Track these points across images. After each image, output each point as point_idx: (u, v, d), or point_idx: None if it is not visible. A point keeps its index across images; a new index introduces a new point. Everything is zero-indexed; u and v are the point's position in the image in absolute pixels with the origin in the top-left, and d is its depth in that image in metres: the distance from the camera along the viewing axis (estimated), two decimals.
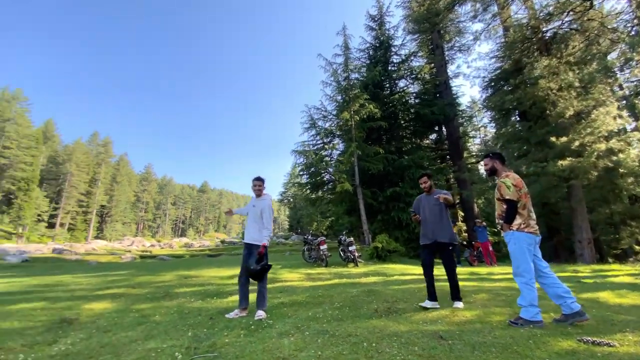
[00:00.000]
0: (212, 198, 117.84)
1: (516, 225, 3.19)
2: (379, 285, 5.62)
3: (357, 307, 4.04)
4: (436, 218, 4.04)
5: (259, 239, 4.15)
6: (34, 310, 4.45)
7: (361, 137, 13.62)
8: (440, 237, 3.98)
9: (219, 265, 11.17)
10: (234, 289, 5.77)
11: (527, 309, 2.99)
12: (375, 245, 11.26)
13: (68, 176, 56.34)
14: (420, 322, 3.27)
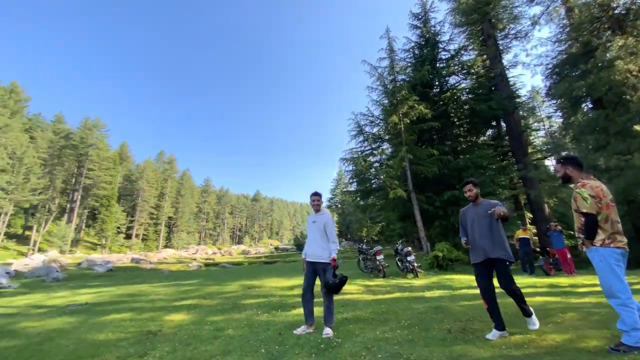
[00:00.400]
0: (264, 206, 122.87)
1: (599, 241, 2.78)
2: (446, 301, 5.30)
3: (427, 326, 3.84)
4: (486, 231, 3.45)
5: (322, 255, 4.05)
6: (123, 321, 4.98)
7: (412, 140, 13.13)
8: (493, 253, 3.38)
9: (278, 274, 11.51)
10: (296, 301, 5.89)
11: (630, 333, 2.56)
12: (435, 254, 10.69)
13: (140, 192, 63.08)
14: (504, 346, 2.99)
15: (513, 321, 3.83)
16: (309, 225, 4.29)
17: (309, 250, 4.18)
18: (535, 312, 4.12)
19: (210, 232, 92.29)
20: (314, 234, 4.16)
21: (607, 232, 2.80)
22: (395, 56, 15.45)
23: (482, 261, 3.48)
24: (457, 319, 4.03)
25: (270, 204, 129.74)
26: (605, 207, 2.83)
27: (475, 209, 3.61)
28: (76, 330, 4.48)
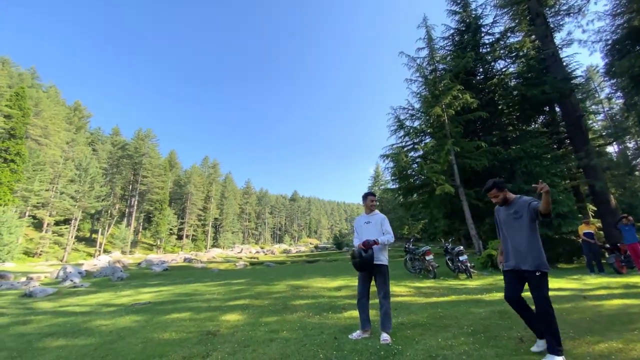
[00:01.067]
0: (302, 206, 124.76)
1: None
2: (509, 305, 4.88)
3: (494, 334, 3.55)
4: (517, 236, 3.07)
5: (380, 257, 3.93)
6: (183, 320, 5.25)
7: (457, 132, 12.40)
8: (523, 263, 3.00)
9: (322, 274, 11.55)
10: (346, 303, 5.82)
11: None
12: (489, 252, 10.03)
13: (189, 195, 67.18)
14: (588, 357, 2.65)
15: (592, 327, 3.42)
16: (361, 226, 4.18)
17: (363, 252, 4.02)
18: (615, 316, 3.68)
19: (253, 232, 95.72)
20: (369, 234, 4.03)
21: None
22: (435, 45, 14.70)
23: (511, 269, 3.12)
24: (526, 326, 3.67)
25: (307, 203, 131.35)
26: None
27: (507, 209, 3.22)
28: (143, 329, 4.80)
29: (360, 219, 4.29)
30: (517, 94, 15.49)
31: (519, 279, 3.09)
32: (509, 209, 3.21)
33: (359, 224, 4.26)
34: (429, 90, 13.42)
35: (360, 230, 4.20)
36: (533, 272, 2.95)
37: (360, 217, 4.31)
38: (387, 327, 3.72)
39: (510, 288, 3.13)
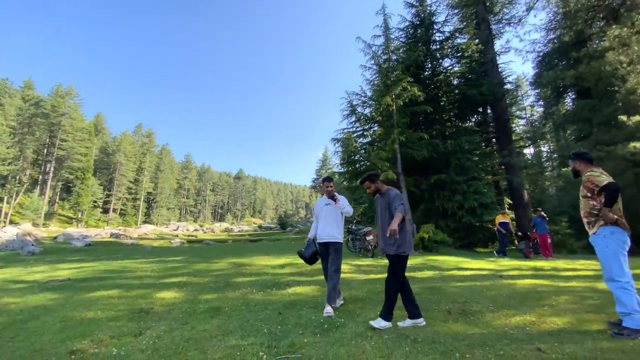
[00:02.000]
0: (247, 184, 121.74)
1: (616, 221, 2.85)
2: (439, 281, 5.40)
3: (426, 307, 3.87)
4: (387, 223, 3.43)
5: (338, 236, 4.15)
6: (111, 298, 4.78)
7: (404, 123, 13.03)
8: (387, 248, 3.40)
9: (266, 252, 11.47)
10: (290, 280, 5.87)
11: (632, 316, 2.66)
12: (421, 235, 10.92)
13: (118, 165, 60.70)
14: (506, 328, 3.04)
15: (508, 302, 3.93)
16: (321, 208, 4.33)
17: (324, 232, 4.20)
18: (528, 295, 4.27)
19: (191, 209, 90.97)
20: (328, 216, 4.24)
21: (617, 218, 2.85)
22: (390, 34, 15.02)
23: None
24: (454, 300, 4.10)
25: (253, 182, 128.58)
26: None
27: (381, 199, 3.62)
28: (62, 308, 4.25)
29: (320, 201, 4.46)
30: (459, 93, 16.73)
31: None
32: (383, 199, 3.59)
33: (319, 206, 4.43)
34: (382, 79, 13.76)
35: (320, 213, 4.35)
36: (392, 256, 3.40)
37: (320, 200, 4.48)
38: (333, 301, 3.85)
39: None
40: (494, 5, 20.90)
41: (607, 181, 2.89)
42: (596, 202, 2.97)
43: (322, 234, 4.22)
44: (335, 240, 4.15)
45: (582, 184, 3.12)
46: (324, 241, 4.20)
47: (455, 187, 14.03)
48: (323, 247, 4.23)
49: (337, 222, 4.23)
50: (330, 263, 4.07)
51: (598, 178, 2.94)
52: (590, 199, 3.01)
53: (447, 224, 13.75)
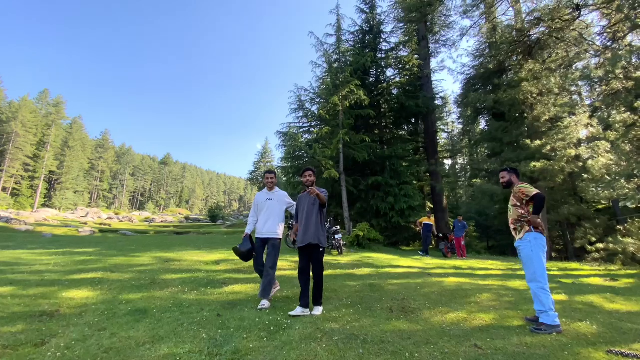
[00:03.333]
0: (174, 171, 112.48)
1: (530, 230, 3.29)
2: (376, 279, 5.61)
3: (369, 305, 3.95)
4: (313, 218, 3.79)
5: (278, 232, 4.16)
6: (2, 297, 3.85)
7: (349, 124, 13.39)
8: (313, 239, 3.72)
9: (196, 246, 10.65)
10: (227, 278, 5.49)
11: (548, 314, 3.06)
12: (357, 233, 11.33)
13: (13, 136, 50.43)
14: (444, 325, 3.24)
15: (440, 299, 4.23)
16: (263, 202, 4.27)
17: (265, 227, 4.15)
18: (455, 292, 4.66)
19: (105, 194, 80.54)
20: (270, 210, 4.21)
21: (539, 225, 3.25)
22: (342, 36, 15.26)
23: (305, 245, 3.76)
24: (393, 298, 4.27)
25: (182, 169, 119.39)
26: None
27: (309, 197, 3.87)
28: None
29: (262, 195, 4.37)
30: (398, 102, 17.85)
31: (309, 253, 3.78)
32: (311, 197, 3.84)
33: (260, 200, 4.32)
34: (331, 78, 13.89)
35: (262, 207, 4.27)
36: (318, 246, 3.73)
37: (261, 194, 4.37)
38: (267, 294, 3.91)
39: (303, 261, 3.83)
40: (434, 26, 22.83)
41: (536, 192, 3.28)
42: (524, 211, 3.36)
43: (263, 229, 4.15)
44: (275, 236, 4.11)
45: (512, 195, 3.50)
46: (264, 237, 4.13)
47: (389, 190, 14.94)
48: (261, 243, 4.14)
49: (280, 217, 4.21)
50: (267, 259, 4.02)
51: (529, 189, 3.33)
52: (519, 208, 3.40)
53: (378, 223, 14.57)
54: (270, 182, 4.29)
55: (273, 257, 4.03)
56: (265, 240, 4.14)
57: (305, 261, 3.80)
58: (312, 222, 3.77)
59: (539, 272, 3.18)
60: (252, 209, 4.41)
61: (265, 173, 4.41)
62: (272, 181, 4.31)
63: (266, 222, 4.18)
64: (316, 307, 3.68)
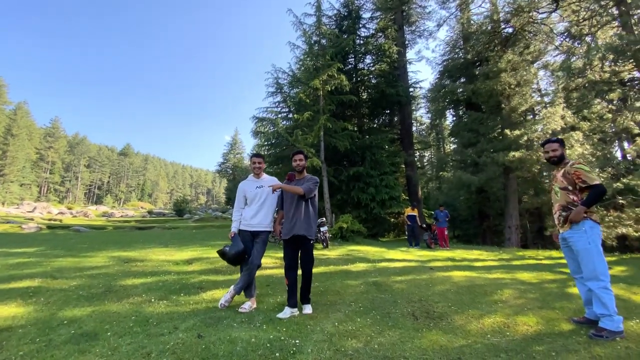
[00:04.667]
0: (135, 163, 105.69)
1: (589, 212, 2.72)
2: (377, 275, 4.97)
3: (385, 310, 3.29)
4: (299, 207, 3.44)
5: (269, 224, 3.62)
6: None
7: (330, 110, 12.62)
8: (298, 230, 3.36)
9: (162, 243, 9.46)
10: (203, 281, 4.61)
11: (612, 318, 2.55)
12: (340, 225, 10.72)
13: None
14: (488, 335, 2.65)
15: (461, 299, 3.66)
16: (251, 191, 3.66)
17: (255, 219, 3.57)
18: (472, 289, 4.12)
19: (57, 187, 73.74)
20: (261, 199, 3.62)
21: (594, 212, 2.72)
22: (322, 16, 14.37)
23: (290, 237, 3.37)
24: (409, 300, 3.63)
25: (144, 161, 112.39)
26: None
27: (296, 182, 3.55)
28: None
29: (249, 183, 3.74)
30: (378, 91, 17.34)
31: (296, 246, 3.39)
32: (298, 182, 3.51)
33: (248, 188, 3.69)
34: (311, 60, 13.00)
35: (251, 196, 3.64)
36: (307, 238, 3.34)
37: (248, 182, 3.76)
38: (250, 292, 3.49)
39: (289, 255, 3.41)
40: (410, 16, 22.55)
41: (597, 181, 2.72)
42: (577, 198, 2.80)
43: (253, 220, 3.57)
44: (266, 229, 3.61)
45: (562, 175, 2.90)
46: (254, 229, 3.56)
47: (370, 180, 14.47)
48: (250, 237, 3.56)
49: (272, 207, 3.69)
50: (255, 254, 3.49)
51: (589, 175, 2.75)
52: (571, 193, 2.83)
53: (359, 215, 14.08)
54: (257, 167, 3.71)
55: (261, 252, 3.55)
56: (255, 233, 3.56)
57: (292, 256, 3.40)
58: (301, 212, 3.37)
59: (599, 268, 2.64)
60: (238, 201, 3.75)
61: (252, 157, 3.83)
62: (260, 166, 3.74)
63: (257, 213, 3.59)
64: (305, 305, 3.35)
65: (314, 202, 3.55)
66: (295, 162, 3.54)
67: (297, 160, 3.52)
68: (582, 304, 3.00)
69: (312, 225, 3.44)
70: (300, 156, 3.53)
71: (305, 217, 3.37)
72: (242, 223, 3.60)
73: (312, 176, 3.58)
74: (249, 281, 3.45)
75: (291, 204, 3.44)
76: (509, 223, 16.01)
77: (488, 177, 14.44)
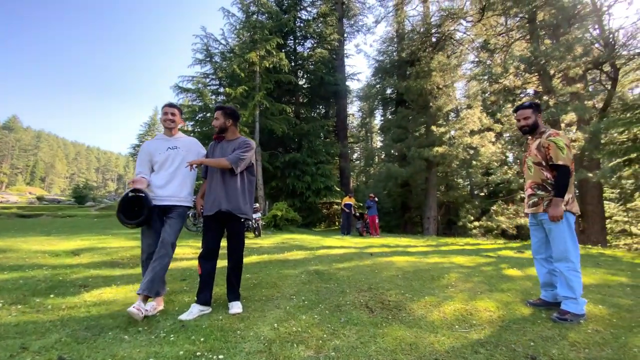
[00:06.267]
0: (24, 140, 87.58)
1: (564, 202, 2.42)
2: (318, 263, 4.42)
3: (334, 302, 2.73)
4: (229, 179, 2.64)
5: (187, 197, 2.75)
6: None
7: (267, 89, 11.63)
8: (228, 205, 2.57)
9: (45, 231, 7.46)
10: (90, 276, 3.47)
11: (577, 301, 2.38)
12: (275, 213, 10.00)
13: None
14: (452, 324, 2.27)
15: (411, 285, 3.33)
16: (161, 152, 2.73)
17: (167, 189, 2.68)
18: (418, 274, 3.85)
19: None
20: (174, 164, 2.73)
21: (570, 193, 2.51)
22: None
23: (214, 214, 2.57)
24: (359, 289, 3.14)
25: (35, 138, 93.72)
26: (572, 163, 2.53)
27: (224, 146, 2.72)
28: None
29: (158, 142, 2.82)
30: (317, 77, 16.87)
31: (221, 227, 2.64)
32: (229, 145, 2.70)
33: (156, 149, 2.76)
34: (248, 31, 11.80)
35: (160, 159, 2.72)
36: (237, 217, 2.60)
37: (157, 141, 2.85)
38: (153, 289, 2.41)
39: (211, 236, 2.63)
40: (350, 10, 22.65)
41: (562, 161, 2.40)
42: (550, 175, 2.54)
43: (163, 191, 2.67)
44: (183, 203, 2.73)
45: (536, 147, 2.56)
46: (165, 203, 2.65)
47: (306, 168, 14.00)
48: (158, 213, 2.64)
49: (190, 175, 2.80)
50: (167, 234, 2.55)
51: (557, 152, 2.42)
52: (545, 169, 2.54)
53: (294, 203, 13.52)
54: (170, 120, 2.79)
55: (175, 229, 2.63)
56: (165, 209, 2.65)
57: (214, 239, 2.60)
58: (230, 182, 2.59)
59: (571, 249, 2.42)
60: (140, 163, 2.78)
61: (164, 107, 2.84)
62: (174, 119, 2.81)
63: (169, 182, 2.69)
64: (233, 303, 2.55)
65: (252, 172, 2.79)
66: (214, 121, 2.77)
67: (215, 119, 2.72)
68: (538, 286, 2.87)
69: (245, 200, 2.66)
70: (217, 113, 2.71)
71: (234, 189, 2.58)
72: (152, 196, 2.66)
73: (245, 139, 2.75)
74: (164, 269, 2.51)
75: (215, 171, 2.63)
76: (428, 214, 17.25)
77: (414, 170, 15.24)
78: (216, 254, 2.63)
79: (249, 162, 2.70)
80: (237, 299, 2.60)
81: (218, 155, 2.68)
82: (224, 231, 2.67)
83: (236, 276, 2.64)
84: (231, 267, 2.62)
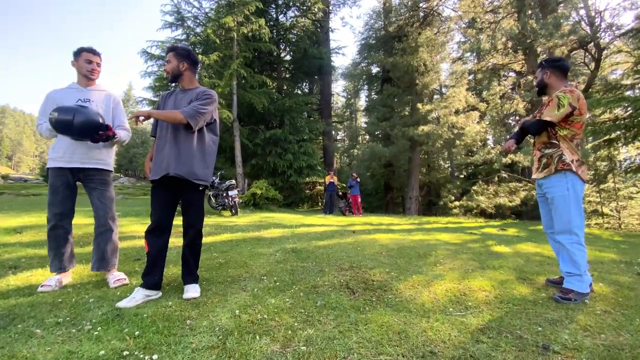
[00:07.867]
0: None
1: (568, 165, 2.13)
2: (296, 241, 4.05)
3: (310, 283, 2.37)
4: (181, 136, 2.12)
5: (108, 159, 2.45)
6: None
7: (246, 58, 10.81)
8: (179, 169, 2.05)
9: None
10: (23, 256, 2.97)
11: (582, 278, 2.11)
12: (254, 191, 9.51)
13: None
14: (446, 307, 1.96)
15: (396, 262, 3.02)
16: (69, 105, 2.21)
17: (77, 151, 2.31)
18: (403, 251, 3.55)
19: None
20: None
21: (577, 155, 2.20)
22: None
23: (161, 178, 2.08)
24: (339, 267, 2.80)
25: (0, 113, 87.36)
26: (580, 126, 2.20)
27: (177, 95, 2.23)
28: None
29: (67, 93, 2.36)
30: (300, 49, 16.01)
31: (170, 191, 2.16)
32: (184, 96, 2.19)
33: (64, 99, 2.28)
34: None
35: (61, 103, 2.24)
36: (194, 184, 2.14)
37: (66, 91, 2.38)
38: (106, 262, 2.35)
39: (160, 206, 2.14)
40: None
41: (549, 117, 2.14)
42: (553, 131, 2.22)
43: (73, 154, 2.29)
44: (103, 166, 2.42)
45: (546, 103, 2.28)
46: (77, 166, 2.30)
47: (288, 146, 13.46)
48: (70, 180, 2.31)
49: None
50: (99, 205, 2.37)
51: (554, 110, 2.12)
52: (549, 127, 2.23)
53: (275, 182, 13.04)
54: (96, 72, 2.39)
55: (107, 200, 2.40)
56: (79, 173, 2.33)
57: (163, 209, 2.12)
58: (184, 143, 2.08)
59: (575, 220, 2.13)
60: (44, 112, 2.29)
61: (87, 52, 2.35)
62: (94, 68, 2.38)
63: (79, 143, 2.29)
64: (190, 286, 2.13)
65: (214, 130, 2.27)
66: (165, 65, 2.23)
67: (166, 63, 2.20)
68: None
69: (205, 164, 2.16)
70: (169, 55, 2.18)
71: (189, 149, 2.08)
72: (53, 157, 2.26)
73: (206, 89, 2.21)
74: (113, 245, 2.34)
75: (166, 127, 2.13)
76: (410, 194, 17.23)
77: (398, 150, 15.00)
78: (167, 229, 2.16)
79: (210, 117, 2.20)
80: (195, 281, 2.17)
81: (171, 107, 2.17)
82: (177, 200, 2.21)
83: (193, 255, 2.21)
84: (186, 244, 2.19)
